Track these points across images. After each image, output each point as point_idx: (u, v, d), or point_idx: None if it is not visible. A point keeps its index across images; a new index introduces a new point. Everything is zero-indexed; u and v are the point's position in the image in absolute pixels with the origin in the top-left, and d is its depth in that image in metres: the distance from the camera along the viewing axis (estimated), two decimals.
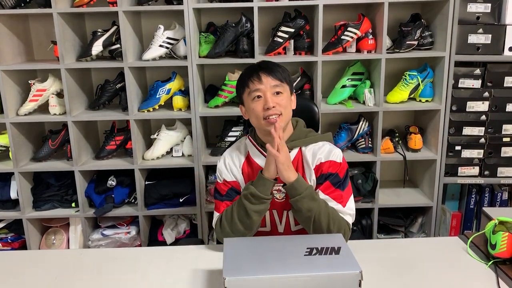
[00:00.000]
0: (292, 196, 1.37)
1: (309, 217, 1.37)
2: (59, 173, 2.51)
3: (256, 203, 1.38)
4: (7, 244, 2.54)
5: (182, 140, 2.52)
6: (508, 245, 1.34)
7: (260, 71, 1.44)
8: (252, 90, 1.43)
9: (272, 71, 1.44)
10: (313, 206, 1.36)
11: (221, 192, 1.52)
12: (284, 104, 1.43)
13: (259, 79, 1.43)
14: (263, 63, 1.50)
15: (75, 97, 2.42)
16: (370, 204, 2.50)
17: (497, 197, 2.55)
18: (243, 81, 1.47)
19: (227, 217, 1.44)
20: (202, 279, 1.32)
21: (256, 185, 1.39)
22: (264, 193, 1.38)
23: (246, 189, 1.42)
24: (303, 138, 1.51)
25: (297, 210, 1.39)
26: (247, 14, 2.34)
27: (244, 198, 1.40)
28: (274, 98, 1.42)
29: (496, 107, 2.38)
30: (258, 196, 1.37)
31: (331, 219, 1.38)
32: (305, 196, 1.36)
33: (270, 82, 1.43)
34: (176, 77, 2.45)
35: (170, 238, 2.51)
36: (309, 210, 1.36)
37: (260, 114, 1.43)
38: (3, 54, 2.32)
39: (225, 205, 1.49)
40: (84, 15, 2.55)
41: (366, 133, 2.49)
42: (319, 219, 1.37)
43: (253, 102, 1.44)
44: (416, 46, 2.39)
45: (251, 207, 1.38)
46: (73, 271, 1.39)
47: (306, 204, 1.36)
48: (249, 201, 1.38)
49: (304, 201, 1.36)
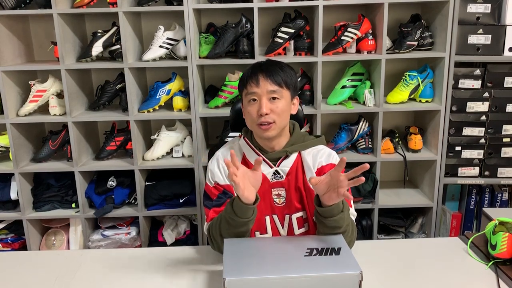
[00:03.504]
0: (334, 215, 1.27)
1: (345, 231, 1.32)
2: (59, 174, 2.51)
3: (240, 224, 1.29)
4: (7, 244, 2.54)
5: (182, 141, 2.53)
6: (508, 246, 1.34)
7: (260, 73, 1.39)
8: (249, 92, 1.40)
9: (273, 74, 1.39)
10: (349, 219, 1.35)
11: (211, 197, 1.46)
12: (279, 111, 1.38)
13: (256, 82, 1.38)
14: (266, 64, 1.44)
15: (75, 98, 2.42)
16: (370, 204, 2.50)
17: (497, 198, 2.55)
18: (243, 80, 1.44)
19: (213, 231, 1.37)
20: (202, 279, 1.32)
21: (236, 211, 1.27)
22: (246, 216, 1.27)
23: (227, 211, 1.30)
24: (301, 142, 1.49)
25: (334, 227, 1.29)
26: (247, 15, 2.34)
27: (226, 220, 1.30)
28: (270, 104, 1.38)
29: (496, 107, 2.38)
30: (240, 221, 1.28)
31: (353, 226, 1.39)
32: (346, 210, 1.31)
33: (268, 86, 1.38)
34: (176, 78, 2.46)
35: (170, 238, 2.51)
36: (348, 224, 1.33)
37: (254, 118, 1.40)
38: (3, 55, 2.32)
39: (213, 212, 1.42)
40: (84, 16, 2.55)
41: (366, 134, 2.49)
42: (351, 230, 1.36)
43: (249, 104, 1.41)
44: (416, 47, 2.39)
45: (236, 227, 1.29)
46: (73, 272, 1.39)
47: (346, 219, 1.32)
48: (232, 223, 1.29)
49: (345, 217, 1.30)
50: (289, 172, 1.46)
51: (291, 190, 1.45)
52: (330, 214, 1.27)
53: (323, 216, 1.29)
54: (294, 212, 1.46)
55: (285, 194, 1.46)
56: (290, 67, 1.46)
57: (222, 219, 1.33)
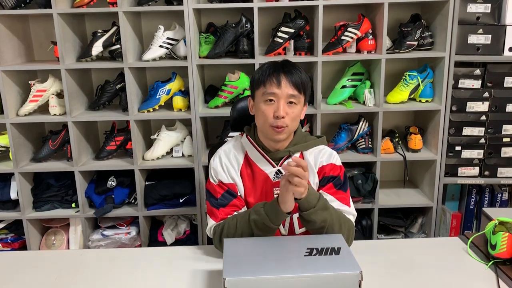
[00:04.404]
0: (305, 209, 1.31)
1: (323, 227, 1.34)
2: (59, 174, 2.51)
3: (265, 230, 1.33)
4: (7, 244, 2.54)
5: (182, 141, 2.53)
6: (508, 246, 1.34)
7: (282, 73, 1.37)
8: (268, 92, 1.37)
9: (294, 77, 1.37)
10: (326, 216, 1.34)
11: (215, 195, 1.46)
12: (294, 116, 1.38)
13: (278, 83, 1.36)
14: (287, 65, 1.41)
15: (75, 98, 2.42)
16: (370, 204, 2.50)
17: (497, 198, 2.55)
18: (261, 78, 1.39)
19: (229, 234, 1.38)
20: (202, 279, 1.32)
21: (270, 215, 1.31)
22: (277, 223, 1.33)
23: (257, 213, 1.33)
24: (303, 142, 1.50)
25: (309, 222, 1.33)
26: (247, 15, 2.34)
27: (253, 223, 1.33)
28: (287, 107, 1.37)
29: (496, 107, 2.38)
30: (271, 227, 1.32)
31: (342, 224, 1.38)
32: (319, 208, 1.32)
33: (289, 90, 1.36)
34: (176, 78, 2.46)
35: (170, 238, 2.51)
36: (323, 221, 1.33)
37: (268, 119, 1.38)
38: (3, 55, 2.32)
39: (223, 213, 1.43)
40: (84, 16, 2.55)
41: (366, 134, 2.49)
42: (332, 227, 1.35)
43: (264, 104, 1.39)
44: (416, 47, 2.39)
45: (259, 233, 1.34)
46: (73, 272, 1.39)
47: (320, 216, 1.33)
48: (258, 228, 1.33)
49: (318, 213, 1.32)
50: None
51: None
52: (302, 207, 1.32)
53: (300, 210, 1.34)
54: (295, 212, 1.46)
55: None
56: (305, 72, 1.45)
57: (244, 224, 1.36)
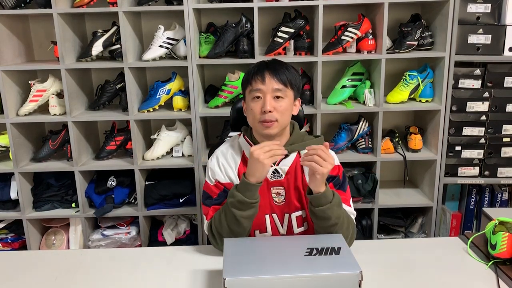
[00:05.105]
0: (321, 204, 1.32)
1: (336, 223, 1.35)
2: (59, 174, 2.51)
3: (244, 209, 1.35)
4: (7, 244, 2.54)
5: (182, 141, 2.52)
6: (508, 246, 1.34)
7: (266, 71, 1.40)
8: (254, 89, 1.41)
9: (278, 73, 1.40)
10: (340, 213, 1.36)
11: (211, 195, 1.47)
12: (282, 110, 1.40)
13: (262, 79, 1.39)
14: (272, 63, 1.45)
15: (75, 98, 2.42)
16: (370, 204, 2.50)
17: (497, 198, 2.55)
18: (247, 78, 1.44)
19: (216, 225, 1.40)
20: (202, 279, 1.32)
21: (242, 190, 1.34)
22: (252, 198, 1.34)
23: (231, 196, 1.36)
24: (300, 142, 1.50)
25: (323, 218, 1.34)
26: (247, 15, 2.34)
27: (231, 206, 1.35)
28: (274, 102, 1.39)
29: (496, 107, 2.38)
30: (246, 202, 1.33)
31: (350, 223, 1.40)
32: (334, 203, 1.34)
33: (273, 84, 1.39)
34: (176, 78, 2.46)
35: (170, 238, 2.51)
36: (338, 217, 1.35)
37: (256, 116, 1.41)
38: (3, 55, 2.32)
39: (213, 209, 1.45)
40: (84, 16, 2.55)
41: (366, 134, 2.49)
42: (342, 225, 1.37)
43: (252, 101, 1.42)
44: (416, 47, 2.39)
45: (240, 214, 1.35)
46: (73, 272, 1.39)
47: (336, 212, 1.34)
48: (237, 208, 1.35)
49: (334, 209, 1.33)
50: (288, 171, 1.46)
51: (290, 189, 1.46)
52: (318, 203, 1.33)
53: (312, 205, 1.34)
54: (293, 211, 1.47)
55: (284, 193, 1.46)
56: (294, 69, 1.47)
57: (225, 211, 1.38)
